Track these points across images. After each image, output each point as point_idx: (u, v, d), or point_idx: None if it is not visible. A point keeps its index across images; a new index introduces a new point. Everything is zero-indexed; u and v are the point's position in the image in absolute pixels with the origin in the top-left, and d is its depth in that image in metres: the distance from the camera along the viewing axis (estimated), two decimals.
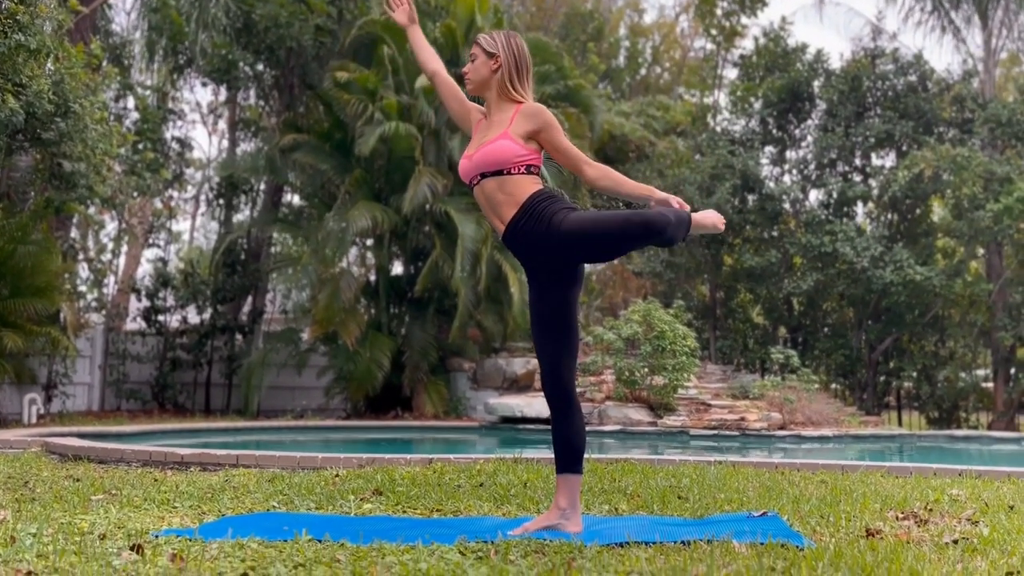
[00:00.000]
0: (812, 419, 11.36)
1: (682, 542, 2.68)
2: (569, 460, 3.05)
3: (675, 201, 3.05)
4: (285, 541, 2.69)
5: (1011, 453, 10.54)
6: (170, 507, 3.55)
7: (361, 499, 3.78)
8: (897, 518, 3.21)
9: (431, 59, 3.36)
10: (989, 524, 3.06)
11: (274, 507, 3.59)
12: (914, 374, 14.90)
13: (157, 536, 2.78)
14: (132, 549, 2.44)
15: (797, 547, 2.59)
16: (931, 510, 3.44)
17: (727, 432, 10.30)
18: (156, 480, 4.55)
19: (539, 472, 4.57)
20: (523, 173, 3.02)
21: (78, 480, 4.54)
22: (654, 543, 2.69)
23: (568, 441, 3.05)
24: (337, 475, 4.61)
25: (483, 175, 3.05)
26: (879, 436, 10.97)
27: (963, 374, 14.74)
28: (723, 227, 3.19)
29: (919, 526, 3.05)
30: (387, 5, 3.45)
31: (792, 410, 11.20)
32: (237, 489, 4.11)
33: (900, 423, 15.30)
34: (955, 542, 2.67)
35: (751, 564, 2.33)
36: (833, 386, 15.71)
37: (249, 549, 2.53)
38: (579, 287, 3.13)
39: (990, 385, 15.11)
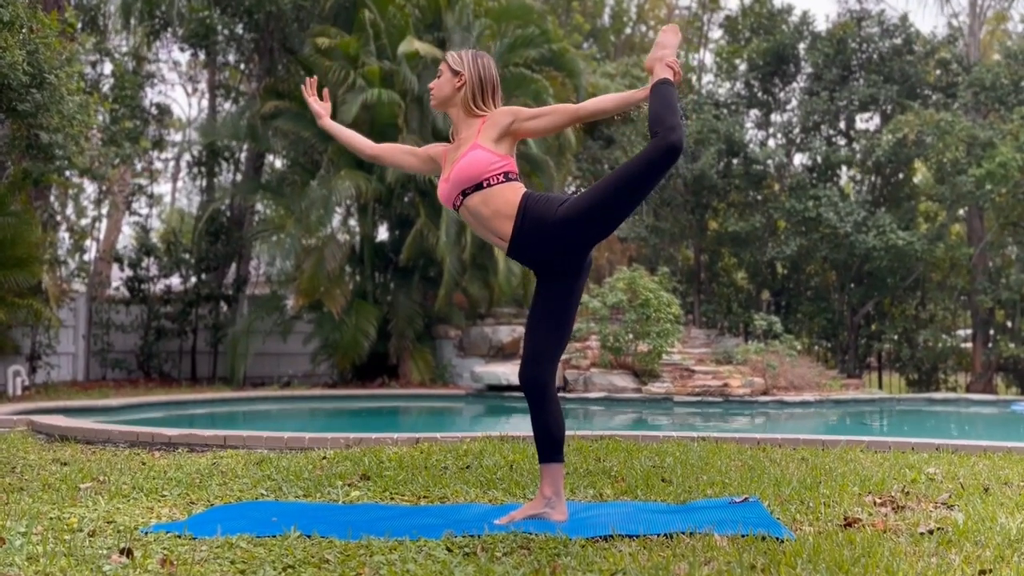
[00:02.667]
0: (794, 383, 11.53)
1: (666, 535, 2.73)
2: (550, 450, 3.08)
3: (661, 74, 3.00)
4: (274, 537, 2.73)
5: (988, 416, 10.75)
6: (158, 496, 3.58)
7: (348, 485, 3.82)
8: (875, 503, 3.28)
9: (363, 144, 3.40)
10: (964, 510, 3.13)
11: (262, 495, 3.63)
12: (895, 336, 15.09)
13: (146, 533, 2.81)
14: (122, 552, 2.46)
15: (777, 539, 2.65)
16: (908, 493, 3.51)
17: (710, 398, 10.44)
18: (144, 464, 4.58)
19: (524, 452, 4.62)
20: (502, 182, 3.00)
21: (65, 464, 4.55)
22: (638, 536, 2.74)
23: (547, 431, 3.07)
24: (324, 457, 4.65)
25: (464, 193, 3.03)
26: (859, 400, 11.14)
27: (944, 336, 14.92)
28: (677, 34, 3.12)
29: (896, 512, 3.12)
30: (305, 92, 3.54)
31: (775, 375, 11.35)
32: (225, 474, 4.14)
33: (880, 385, 15.52)
34: (931, 532, 2.73)
35: (732, 560, 2.38)
36: (816, 348, 15.89)
37: (239, 549, 2.56)
38: (586, 276, 3.14)
39: (969, 346, 15.33)
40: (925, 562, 2.37)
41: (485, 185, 2.99)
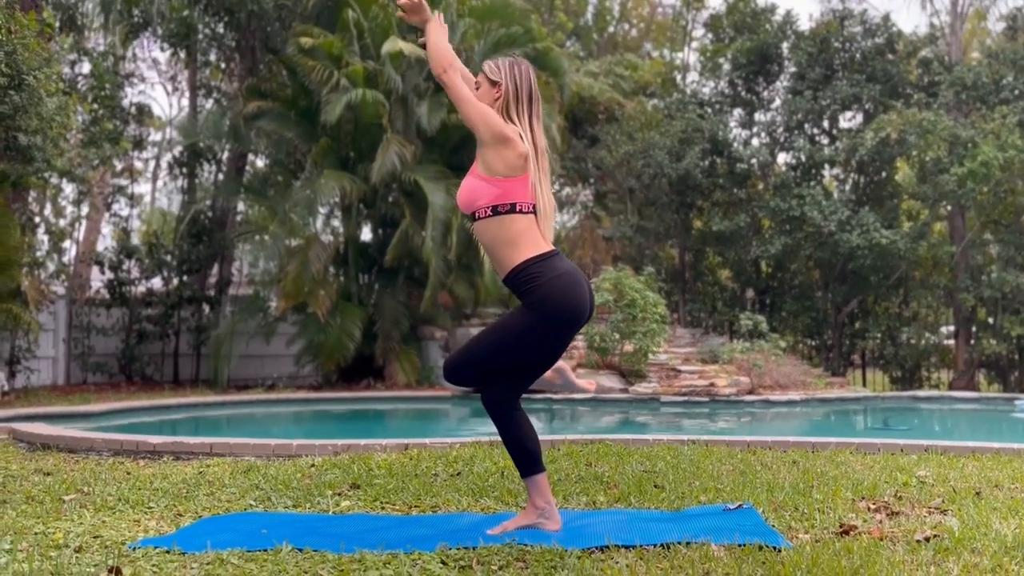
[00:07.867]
0: (780, 382, 11.55)
1: (662, 545, 2.71)
2: (528, 464, 3.01)
3: None
4: (266, 552, 2.68)
5: (972, 413, 10.83)
6: (145, 508, 3.51)
7: (338, 494, 3.77)
8: (869, 509, 3.28)
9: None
10: (958, 515, 3.13)
11: (251, 506, 3.57)
12: (878, 334, 15.17)
13: (134, 548, 2.75)
14: (110, 571, 2.41)
15: (774, 548, 2.63)
16: (901, 498, 3.51)
17: (697, 398, 10.44)
18: (129, 473, 4.50)
19: None
20: (489, 216, 2.92)
21: (48, 475, 4.48)
22: (634, 546, 2.71)
23: (521, 445, 3.00)
24: (313, 464, 4.59)
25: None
26: (845, 399, 11.18)
27: (927, 333, 15.01)
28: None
29: (891, 518, 3.11)
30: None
31: (760, 374, 11.37)
32: (212, 484, 4.08)
33: (864, 382, 15.60)
34: (927, 540, 2.72)
35: (730, 572, 2.36)
36: (800, 346, 15.95)
37: (230, 565, 2.51)
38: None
39: (951, 343, 15.43)
40: (924, 571, 2.36)
41: (476, 217, 2.97)
